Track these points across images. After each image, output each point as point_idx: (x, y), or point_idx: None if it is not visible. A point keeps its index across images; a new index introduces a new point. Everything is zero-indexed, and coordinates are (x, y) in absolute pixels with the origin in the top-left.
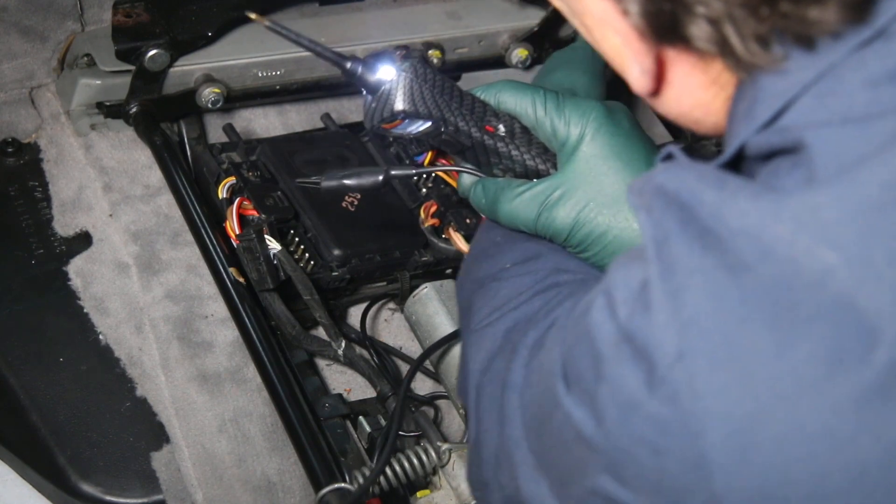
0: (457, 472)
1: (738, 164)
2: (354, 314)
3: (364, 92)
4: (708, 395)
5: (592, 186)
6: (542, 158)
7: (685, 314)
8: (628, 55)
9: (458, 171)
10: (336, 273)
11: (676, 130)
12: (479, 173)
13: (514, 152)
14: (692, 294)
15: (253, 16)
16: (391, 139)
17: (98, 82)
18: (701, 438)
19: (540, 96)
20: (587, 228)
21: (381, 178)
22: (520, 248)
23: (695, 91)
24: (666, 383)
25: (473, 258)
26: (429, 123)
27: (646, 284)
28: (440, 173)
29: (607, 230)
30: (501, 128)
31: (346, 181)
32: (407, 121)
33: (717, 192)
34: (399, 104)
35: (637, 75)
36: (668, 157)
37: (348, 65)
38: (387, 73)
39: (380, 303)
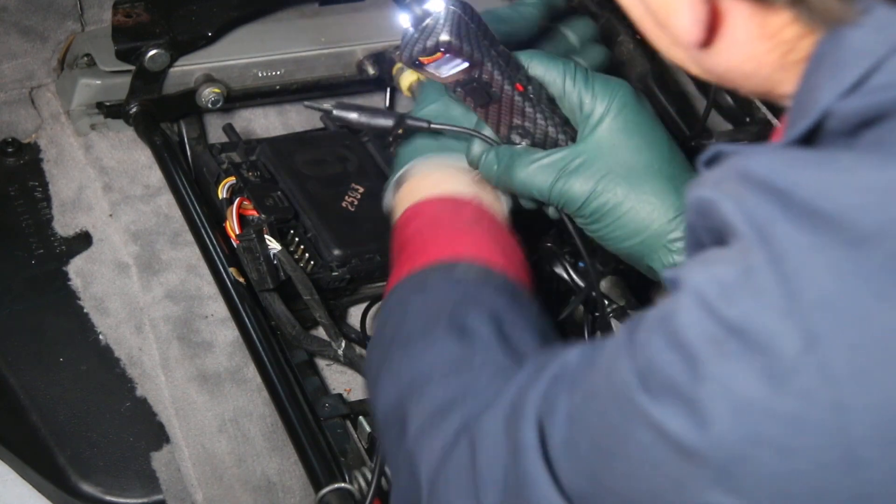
0: None
1: (809, 140)
2: (354, 314)
3: (405, 20)
4: (849, 382)
5: (613, 158)
6: (563, 129)
7: (808, 297)
8: (680, 4)
9: (472, 134)
10: (336, 273)
11: (675, 129)
12: (494, 140)
13: (538, 115)
14: (811, 275)
15: None
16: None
17: (98, 82)
18: (845, 433)
19: (570, 69)
20: (603, 198)
21: (392, 121)
22: (445, 351)
23: (750, 42)
24: (795, 375)
25: (389, 343)
26: (466, 65)
27: (749, 274)
28: None
29: (622, 202)
30: (531, 89)
31: (358, 115)
32: (444, 58)
33: (815, 171)
34: (445, 35)
35: (687, 25)
36: (718, 155)
37: None
38: (436, 4)
39: (380, 303)
